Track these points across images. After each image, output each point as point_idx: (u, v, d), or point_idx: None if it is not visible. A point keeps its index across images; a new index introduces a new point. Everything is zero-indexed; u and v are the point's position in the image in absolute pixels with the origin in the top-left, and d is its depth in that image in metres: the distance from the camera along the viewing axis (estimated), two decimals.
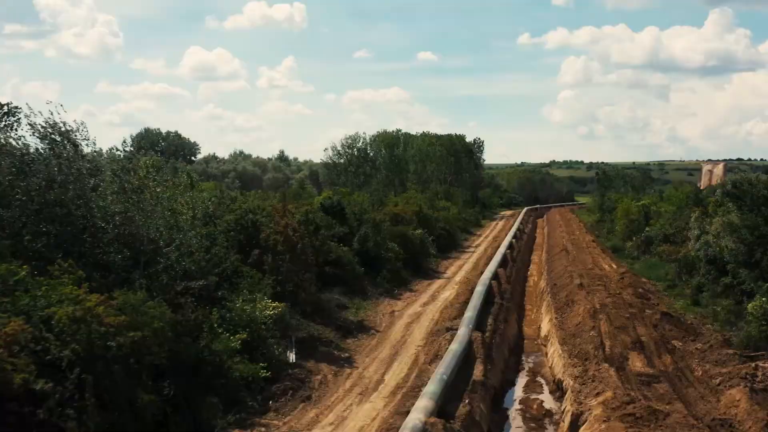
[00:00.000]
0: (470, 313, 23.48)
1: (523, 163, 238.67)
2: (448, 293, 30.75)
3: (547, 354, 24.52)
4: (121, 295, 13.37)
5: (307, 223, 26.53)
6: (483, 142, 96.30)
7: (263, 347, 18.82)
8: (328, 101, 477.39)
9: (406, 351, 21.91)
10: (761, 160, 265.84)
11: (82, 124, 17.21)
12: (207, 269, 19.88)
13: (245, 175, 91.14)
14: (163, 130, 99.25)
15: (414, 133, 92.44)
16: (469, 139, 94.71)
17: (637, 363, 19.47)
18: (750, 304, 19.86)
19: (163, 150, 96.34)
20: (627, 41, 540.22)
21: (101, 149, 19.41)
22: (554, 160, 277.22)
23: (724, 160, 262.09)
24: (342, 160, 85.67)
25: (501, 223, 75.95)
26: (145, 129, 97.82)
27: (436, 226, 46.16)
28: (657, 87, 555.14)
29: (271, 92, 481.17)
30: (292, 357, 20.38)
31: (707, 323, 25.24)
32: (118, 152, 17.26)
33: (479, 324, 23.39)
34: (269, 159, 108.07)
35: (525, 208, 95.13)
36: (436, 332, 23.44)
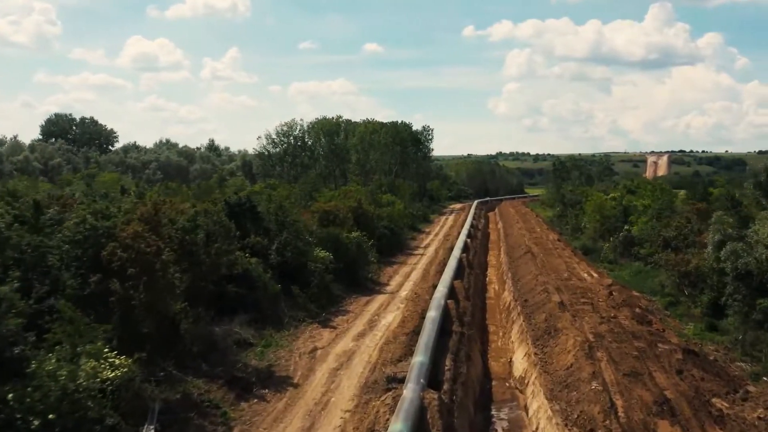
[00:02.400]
0: (421, 357, 16.47)
1: (470, 155, 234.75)
2: (392, 317, 23.61)
3: (526, 408, 17.77)
4: None
5: (194, 230, 18.91)
6: (432, 131, 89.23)
7: None
8: (272, 93, 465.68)
9: (326, 422, 14.84)
10: (702, 152, 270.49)
11: None
12: None
13: (169, 165, 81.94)
14: (99, 118, 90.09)
15: (357, 120, 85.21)
16: (416, 128, 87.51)
17: None
18: None
19: (75, 137, 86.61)
20: (570, 34, 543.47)
21: None
22: (501, 152, 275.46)
23: (667, 152, 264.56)
24: (277, 150, 77.88)
25: (451, 218, 69.71)
26: (55, 114, 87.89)
27: (378, 226, 38.91)
28: (599, 80, 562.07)
29: (215, 83, 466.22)
30: None
31: (736, 358, 18.92)
32: None
33: (434, 370, 16.48)
34: (197, 149, 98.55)
35: (475, 201, 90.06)
36: (372, 386, 16.50)
